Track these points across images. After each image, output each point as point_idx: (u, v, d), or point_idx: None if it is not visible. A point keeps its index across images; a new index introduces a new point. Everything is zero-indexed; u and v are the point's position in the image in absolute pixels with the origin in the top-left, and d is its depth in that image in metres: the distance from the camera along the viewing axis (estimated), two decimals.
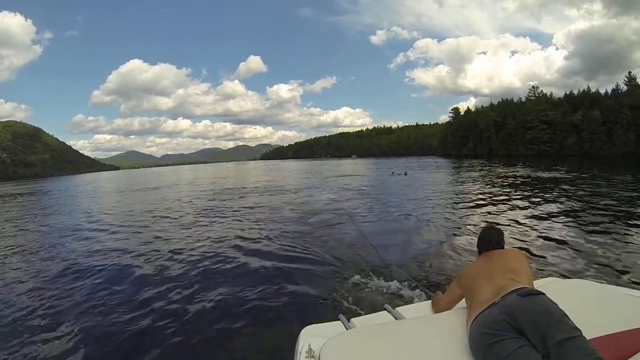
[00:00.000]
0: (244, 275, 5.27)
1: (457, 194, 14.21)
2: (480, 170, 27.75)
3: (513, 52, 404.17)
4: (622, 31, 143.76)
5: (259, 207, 13.37)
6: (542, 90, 67.95)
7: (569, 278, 2.40)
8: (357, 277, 4.81)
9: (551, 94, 66.03)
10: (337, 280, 4.78)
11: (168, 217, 11.93)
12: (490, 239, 1.72)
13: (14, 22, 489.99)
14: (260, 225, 9.39)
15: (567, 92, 62.78)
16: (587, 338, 1.14)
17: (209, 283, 5.03)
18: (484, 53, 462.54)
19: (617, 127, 49.88)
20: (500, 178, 20.31)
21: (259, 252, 6.52)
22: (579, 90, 61.17)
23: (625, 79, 54.87)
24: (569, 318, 1.19)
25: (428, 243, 6.58)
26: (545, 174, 21.05)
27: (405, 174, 25.99)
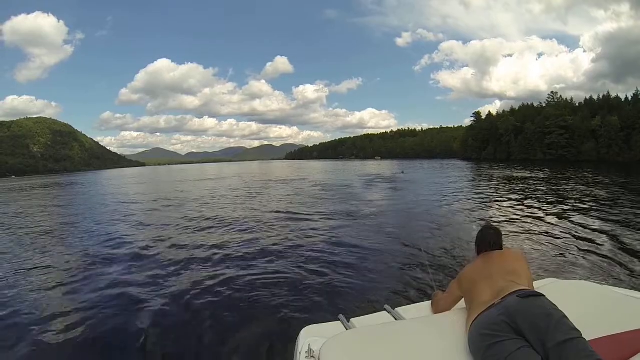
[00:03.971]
0: (244, 275, 5.29)
1: (450, 190, 16.80)
2: (482, 172, 31.35)
3: (539, 55, 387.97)
4: None
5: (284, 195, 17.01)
6: (560, 96, 68.72)
7: (569, 279, 2.51)
8: (357, 275, 4.95)
9: (571, 99, 66.87)
10: (337, 279, 4.88)
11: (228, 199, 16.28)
12: (489, 239, 1.71)
13: (46, 23, 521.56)
14: (277, 218, 10.50)
15: (587, 97, 63.35)
16: (587, 339, 1.14)
17: (209, 279, 5.13)
18: (510, 55, 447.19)
19: (636, 133, 50.23)
20: (495, 180, 22.57)
21: (263, 249, 6.75)
22: (599, 96, 61.64)
23: None
24: (568, 319, 1.19)
25: (428, 240, 6.85)
26: (539, 175, 23.71)
27: (403, 173, 31.85)
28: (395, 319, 1.78)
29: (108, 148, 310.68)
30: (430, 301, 1.93)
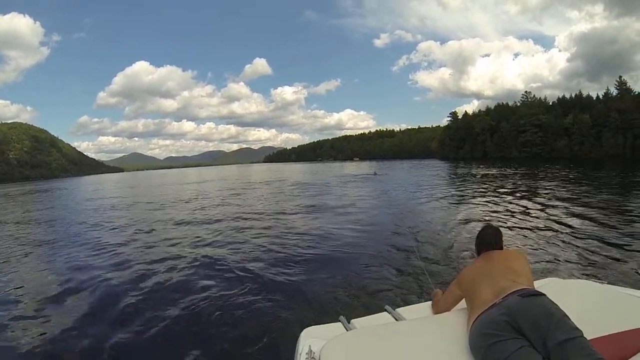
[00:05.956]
0: (244, 275, 5.24)
1: (431, 189, 16.81)
2: (458, 170, 30.59)
3: (516, 55, 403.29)
4: (624, 32, 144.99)
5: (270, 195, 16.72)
6: (534, 95, 70.18)
7: (569, 278, 2.40)
8: (357, 276, 4.92)
9: (545, 98, 68.23)
10: (337, 280, 4.84)
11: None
12: (489, 239, 1.72)
13: (22, 24, 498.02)
14: (270, 216, 10.66)
15: (560, 96, 64.70)
16: (588, 338, 1.13)
17: (207, 280, 5.10)
18: (487, 55, 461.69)
19: (606, 130, 51.46)
20: (473, 178, 22.47)
21: (261, 251, 6.70)
22: (571, 95, 63.13)
23: (616, 83, 56.53)
24: (569, 318, 1.19)
25: (425, 240, 6.76)
26: (507, 171, 23.15)
27: (375, 174, 31.17)
28: (396, 320, 1.75)
29: (85, 154, 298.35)
30: (431, 301, 1.90)
